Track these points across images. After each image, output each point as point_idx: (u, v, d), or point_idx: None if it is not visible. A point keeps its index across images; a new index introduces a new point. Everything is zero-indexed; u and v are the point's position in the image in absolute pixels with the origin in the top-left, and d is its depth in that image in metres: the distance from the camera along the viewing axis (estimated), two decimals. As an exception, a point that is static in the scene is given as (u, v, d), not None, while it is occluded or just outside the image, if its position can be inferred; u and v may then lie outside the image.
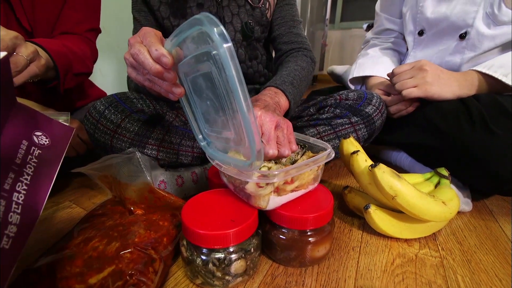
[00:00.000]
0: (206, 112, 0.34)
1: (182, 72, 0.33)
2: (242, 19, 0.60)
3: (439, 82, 0.51)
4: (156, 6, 0.58)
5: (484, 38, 0.52)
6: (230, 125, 0.30)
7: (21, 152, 0.22)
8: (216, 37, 0.23)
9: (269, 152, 0.33)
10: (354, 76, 0.73)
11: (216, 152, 0.36)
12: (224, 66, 0.23)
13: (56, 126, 0.26)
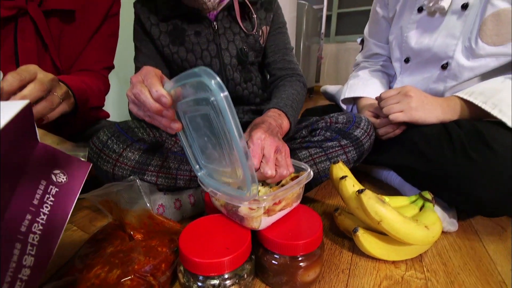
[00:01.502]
0: (204, 146, 0.37)
1: (181, 110, 0.36)
2: (237, 46, 0.64)
3: (424, 108, 0.54)
4: (156, 36, 0.62)
5: (464, 69, 0.56)
6: (226, 160, 0.33)
7: (39, 193, 0.24)
8: (214, 87, 0.26)
9: (267, 173, 0.37)
10: (345, 97, 0.77)
11: (213, 181, 0.39)
12: (222, 112, 0.27)
13: (74, 162, 0.28)
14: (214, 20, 0.62)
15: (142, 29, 0.63)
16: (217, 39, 0.63)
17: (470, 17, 0.54)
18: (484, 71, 0.55)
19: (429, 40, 0.60)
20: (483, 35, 0.52)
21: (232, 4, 0.61)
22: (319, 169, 0.56)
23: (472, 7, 0.54)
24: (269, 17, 0.67)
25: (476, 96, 0.50)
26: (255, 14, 0.64)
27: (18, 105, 0.24)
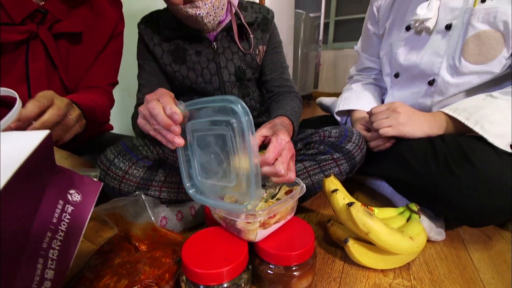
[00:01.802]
0: (207, 163, 0.40)
1: (189, 129, 0.40)
2: (235, 64, 0.68)
3: (411, 123, 0.57)
4: (159, 55, 0.66)
5: (449, 86, 0.59)
6: (232, 175, 0.37)
7: (57, 212, 0.27)
8: (240, 110, 0.31)
9: (281, 171, 0.40)
10: (339, 109, 0.80)
11: (205, 197, 0.42)
12: (244, 131, 0.32)
13: (87, 182, 0.32)
14: (214, 41, 0.66)
15: (145, 49, 0.67)
16: (216, 58, 0.67)
17: (454, 37, 0.58)
18: (468, 87, 0.59)
19: (416, 57, 0.64)
20: (465, 55, 0.56)
21: (230, 25, 0.65)
22: (314, 181, 0.59)
23: (455, 28, 0.57)
24: (265, 37, 0.71)
25: (459, 112, 0.53)
26: (252, 34, 0.69)
27: (40, 135, 0.27)
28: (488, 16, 0.52)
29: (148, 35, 0.66)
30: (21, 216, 0.23)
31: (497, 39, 0.52)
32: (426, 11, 0.59)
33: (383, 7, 0.73)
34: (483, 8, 0.52)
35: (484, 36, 0.53)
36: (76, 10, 0.62)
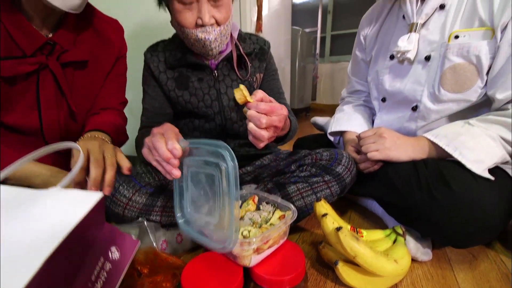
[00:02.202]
0: (196, 197, 0.44)
1: (186, 164, 0.44)
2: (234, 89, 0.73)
3: (396, 147, 0.61)
4: (164, 81, 0.71)
5: (431, 112, 0.63)
6: (216, 213, 0.40)
7: (97, 269, 0.28)
8: (229, 159, 0.35)
9: (262, 124, 0.45)
10: (332, 130, 0.84)
11: (192, 230, 0.45)
12: (229, 175, 0.35)
13: (127, 240, 0.33)
14: (215, 69, 0.71)
15: (151, 75, 0.72)
16: (217, 85, 0.72)
17: (433, 68, 0.62)
18: (448, 113, 0.63)
19: (400, 84, 0.69)
20: (443, 84, 0.60)
21: (231, 55, 0.71)
22: (306, 203, 0.62)
23: (434, 59, 0.62)
24: (262, 66, 0.77)
25: (440, 138, 0.57)
26: (250, 63, 0.74)
27: (95, 197, 0.29)
28: (462, 50, 0.57)
29: (154, 63, 0.71)
30: (66, 276, 0.25)
31: (472, 71, 0.57)
32: (406, 43, 0.64)
33: (369, 36, 0.78)
34: (457, 43, 0.57)
35: (460, 68, 0.58)
36: (82, 38, 0.66)
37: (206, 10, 0.59)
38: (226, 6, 0.62)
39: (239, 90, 0.47)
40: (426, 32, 0.63)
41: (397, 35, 0.69)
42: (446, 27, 0.60)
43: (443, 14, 0.60)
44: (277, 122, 0.48)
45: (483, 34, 0.55)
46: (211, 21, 0.60)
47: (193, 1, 0.59)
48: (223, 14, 0.62)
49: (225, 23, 0.63)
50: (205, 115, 0.73)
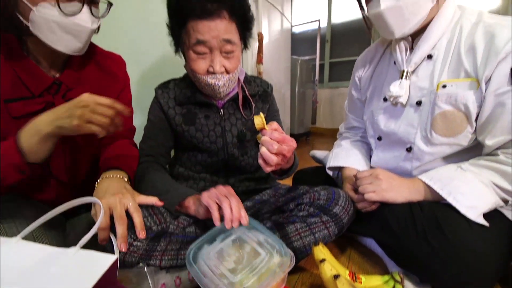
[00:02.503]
0: (228, 253, 0.49)
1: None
2: (238, 128, 0.78)
3: (392, 189, 0.62)
4: (172, 116, 0.75)
5: (424, 154, 0.65)
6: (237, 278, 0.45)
7: None
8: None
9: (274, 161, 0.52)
10: (330, 166, 0.86)
11: (197, 268, 0.48)
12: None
13: None
14: (221, 108, 0.76)
15: (160, 109, 0.77)
16: (222, 122, 0.76)
17: (424, 112, 0.65)
18: (442, 155, 0.65)
19: (394, 125, 0.71)
20: (435, 129, 0.63)
21: (237, 96, 0.77)
22: (305, 243, 0.63)
23: (425, 104, 0.65)
24: (265, 107, 0.82)
25: (435, 181, 0.59)
26: (254, 104, 0.80)
27: (110, 259, 0.31)
28: (450, 99, 0.60)
29: (164, 99, 0.76)
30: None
31: (461, 117, 0.60)
32: (398, 88, 0.67)
33: (364, 78, 0.83)
34: (445, 92, 0.60)
35: (449, 115, 0.61)
36: (86, 75, 0.68)
37: (217, 61, 0.66)
38: (236, 57, 0.69)
39: (259, 117, 0.53)
40: (416, 79, 0.67)
41: (389, 79, 0.73)
42: (434, 75, 0.63)
43: (431, 64, 0.64)
44: (286, 151, 0.54)
45: (469, 84, 0.58)
46: (221, 69, 0.67)
47: (206, 52, 0.66)
48: (233, 64, 0.68)
49: (234, 72, 0.69)
50: (209, 150, 0.76)
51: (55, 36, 0.53)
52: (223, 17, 0.65)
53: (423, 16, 0.61)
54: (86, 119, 0.48)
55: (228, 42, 0.66)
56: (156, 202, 0.52)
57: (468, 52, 0.59)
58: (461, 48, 0.60)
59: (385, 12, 0.61)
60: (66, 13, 0.51)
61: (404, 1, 0.58)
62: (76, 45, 0.57)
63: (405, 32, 0.63)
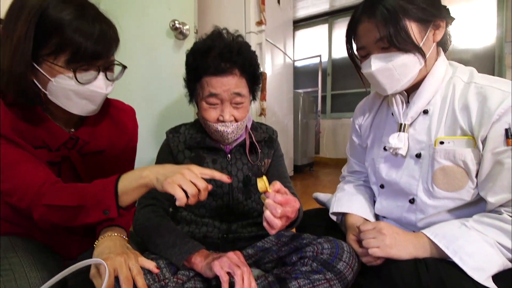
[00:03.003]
0: None
1: None
2: (244, 173, 0.80)
3: (397, 245, 0.61)
4: (181, 159, 0.78)
5: (428, 206, 0.65)
6: None
7: None
8: None
9: (277, 213, 0.54)
10: (333, 211, 0.85)
11: None
12: None
13: None
14: (229, 153, 0.79)
15: (169, 152, 0.80)
16: (229, 167, 0.79)
17: (424, 165, 0.66)
18: (446, 209, 0.64)
19: (395, 175, 0.72)
20: (436, 183, 0.63)
21: (244, 142, 0.80)
22: (309, 301, 0.61)
23: (424, 157, 0.66)
24: (270, 152, 0.85)
25: (439, 239, 0.58)
26: (260, 150, 0.83)
27: None
28: (448, 155, 0.61)
29: (174, 143, 0.80)
30: None
31: (461, 173, 0.60)
32: (397, 141, 0.69)
33: (364, 126, 0.85)
34: (443, 148, 0.62)
35: (449, 170, 0.61)
36: (101, 129, 0.72)
37: (227, 111, 0.71)
38: (245, 107, 0.75)
39: (261, 180, 0.55)
40: (414, 132, 0.68)
41: (388, 129, 0.75)
42: (431, 130, 0.65)
43: (427, 118, 0.67)
44: (290, 213, 0.57)
45: (466, 142, 0.60)
46: (230, 118, 0.72)
47: (218, 103, 0.72)
48: (241, 113, 0.74)
49: (242, 120, 0.74)
50: (214, 194, 0.77)
51: (71, 102, 0.57)
52: (235, 74, 0.71)
53: (413, 76, 0.64)
54: (178, 182, 0.50)
55: (238, 95, 0.72)
56: (153, 269, 0.53)
57: (462, 111, 0.61)
58: (456, 106, 0.62)
59: (376, 73, 0.65)
60: (82, 82, 0.55)
61: (393, 63, 0.62)
62: (90, 108, 0.61)
63: (397, 89, 0.66)
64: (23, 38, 0.49)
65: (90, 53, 0.53)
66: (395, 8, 0.59)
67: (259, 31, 1.73)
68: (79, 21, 0.51)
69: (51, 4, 0.50)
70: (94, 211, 0.51)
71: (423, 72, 0.65)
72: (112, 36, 0.57)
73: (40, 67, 0.53)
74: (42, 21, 0.49)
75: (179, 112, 1.28)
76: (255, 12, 1.72)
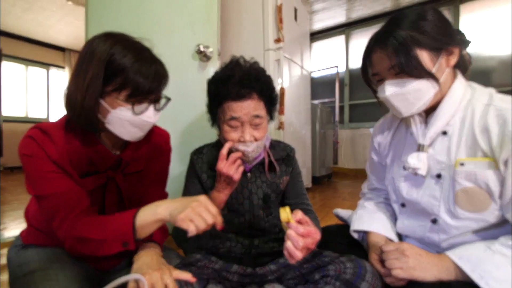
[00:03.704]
0: None
1: None
2: (263, 191, 0.84)
3: (421, 267, 0.61)
4: (204, 180, 0.84)
5: (450, 227, 0.65)
6: None
7: None
8: None
9: (299, 245, 0.58)
10: (354, 229, 0.86)
11: None
12: None
13: None
14: (249, 171, 0.84)
15: (195, 174, 0.86)
16: (249, 185, 0.84)
17: (445, 185, 0.66)
18: (469, 230, 0.64)
19: (416, 195, 0.72)
20: (458, 204, 0.63)
21: (263, 161, 0.85)
22: (332, 321, 0.62)
23: (445, 178, 0.66)
24: (288, 170, 0.89)
25: (464, 262, 0.57)
26: (279, 167, 0.87)
27: None
28: (470, 176, 0.61)
29: (198, 164, 0.86)
30: None
31: (484, 195, 0.60)
32: (416, 161, 0.69)
33: (383, 144, 0.86)
34: (464, 170, 0.62)
35: (471, 192, 0.61)
36: (141, 151, 0.79)
37: (247, 132, 0.77)
38: (264, 128, 0.80)
39: (284, 211, 0.59)
40: (434, 152, 0.69)
41: (407, 149, 0.76)
42: (451, 151, 0.65)
43: (446, 139, 0.67)
44: (311, 244, 0.60)
45: (487, 164, 0.60)
46: (251, 139, 0.77)
47: (238, 125, 0.77)
48: (260, 133, 0.79)
49: (261, 140, 0.79)
50: (236, 211, 0.82)
51: (125, 129, 0.65)
52: (253, 98, 0.77)
53: (428, 99, 0.65)
54: (189, 218, 0.56)
55: (257, 116, 0.77)
56: (190, 279, 0.57)
57: (483, 133, 0.61)
58: (475, 128, 0.62)
59: (390, 97, 0.67)
60: (137, 113, 0.64)
61: (407, 88, 0.64)
62: (139, 135, 0.68)
63: (413, 112, 0.68)
64: (95, 77, 0.58)
65: (147, 90, 0.62)
66: (405, 39, 0.61)
67: (277, 48, 1.79)
68: (138, 64, 0.60)
69: (116, 51, 0.60)
70: (115, 243, 0.59)
71: (438, 95, 0.66)
72: (164, 74, 0.67)
73: (104, 100, 0.62)
74: (109, 64, 0.59)
75: (202, 128, 1.35)
76: (273, 31, 1.80)
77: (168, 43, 1.35)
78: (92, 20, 1.44)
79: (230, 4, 1.88)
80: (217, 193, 0.78)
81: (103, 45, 0.60)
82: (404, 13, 0.66)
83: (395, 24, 0.65)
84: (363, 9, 3.34)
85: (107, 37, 0.62)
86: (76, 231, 0.60)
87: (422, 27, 0.62)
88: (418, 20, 0.63)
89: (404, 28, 0.63)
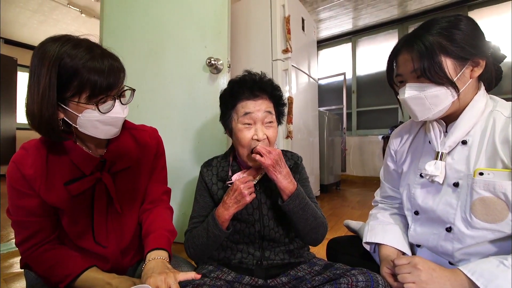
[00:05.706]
0: None
1: None
2: (272, 200, 0.85)
3: (433, 281, 0.60)
4: (215, 192, 0.86)
5: (465, 236, 0.63)
6: None
7: None
8: None
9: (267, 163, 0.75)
10: (366, 241, 0.85)
11: None
12: None
13: None
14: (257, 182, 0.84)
15: (205, 187, 0.88)
16: (259, 195, 0.84)
17: (463, 194, 0.65)
18: (485, 240, 0.62)
19: (432, 203, 0.71)
20: (475, 213, 0.62)
21: None
22: (345, 336, 0.62)
23: (462, 187, 0.65)
24: (296, 177, 0.89)
25: (477, 277, 0.56)
26: None
27: None
28: (488, 186, 0.60)
29: (208, 177, 0.88)
30: None
31: (501, 205, 0.59)
32: (433, 168, 0.68)
33: (399, 152, 0.85)
34: (482, 179, 0.61)
35: (489, 201, 0.61)
36: (125, 148, 0.77)
37: (260, 129, 0.81)
38: (274, 128, 0.85)
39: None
40: (452, 161, 0.68)
41: (425, 156, 0.75)
42: (470, 161, 0.65)
43: (465, 149, 0.66)
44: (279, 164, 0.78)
45: (507, 175, 0.59)
46: (263, 136, 0.81)
47: (251, 123, 0.82)
48: (272, 133, 0.84)
49: (273, 142, 0.84)
50: (246, 221, 0.83)
51: (98, 129, 0.65)
52: (265, 98, 0.84)
53: (445, 107, 0.65)
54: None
55: (269, 113, 0.83)
56: (195, 276, 0.59)
57: (504, 144, 0.61)
58: (496, 139, 0.62)
59: (409, 100, 0.67)
60: (103, 112, 0.64)
61: (425, 93, 0.65)
62: (113, 131, 0.69)
63: (429, 117, 0.68)
64: (47, 86, 0.57)
65: (105, 87, 0.61)
66: (432, 44, 0.62)
67: (286, 58, 1.82)
68: (90, 62, 0.59)
69: (65, 54, 0.58)
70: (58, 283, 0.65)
71: (456, 104, 0.66)
72: (119, 67, 0.65)
73: (67, 107, 0.61)
74: (60, 69, 0.58)
75: (212, 137, 1.38)
76: (281, 41, 1.83)
77: (181, 57, 1.39)
78: (107, 33, 1.50)
79: (239, 16, 1.93)
80: (223, 209, 0.78)
81: (51, 49, 0.58)
82: (437, 19, 0.67)
83: (425, 28, 0.66)
84: (369, 17, 3.37)
85: (54, 41, 0.60)
86: (29, 260, 0.67)
87: (452, 35, 0.63)
88: (449, 27, 0.64)
89: (434, 33, 0.64)
